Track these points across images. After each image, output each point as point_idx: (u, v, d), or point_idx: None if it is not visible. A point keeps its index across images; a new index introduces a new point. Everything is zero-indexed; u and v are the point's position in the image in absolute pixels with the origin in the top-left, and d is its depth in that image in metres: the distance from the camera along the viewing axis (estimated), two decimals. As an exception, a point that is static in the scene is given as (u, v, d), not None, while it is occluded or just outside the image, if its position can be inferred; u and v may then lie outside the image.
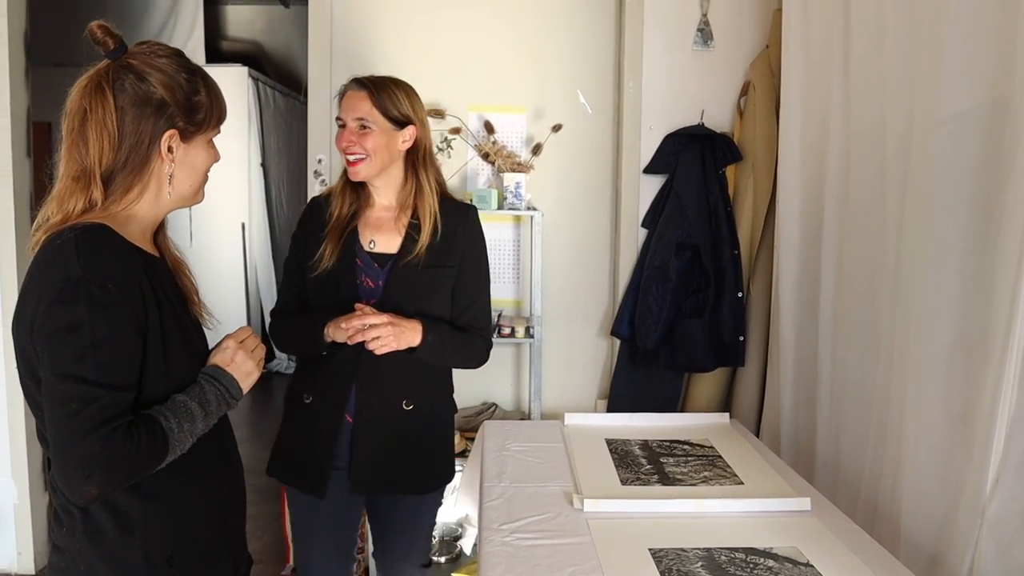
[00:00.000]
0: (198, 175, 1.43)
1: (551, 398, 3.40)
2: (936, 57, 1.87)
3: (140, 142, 1.32)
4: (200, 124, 1.40)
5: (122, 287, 1.25)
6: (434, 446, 2.14)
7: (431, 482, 2.15)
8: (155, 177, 1.36)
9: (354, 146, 1.95)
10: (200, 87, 1.39)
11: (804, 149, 2.73)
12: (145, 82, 1.32)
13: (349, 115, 1.97)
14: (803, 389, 2.70)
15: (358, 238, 2.02)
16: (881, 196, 2.17)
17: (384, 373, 2.00)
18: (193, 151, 1.40)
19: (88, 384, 1.19)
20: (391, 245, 2.02)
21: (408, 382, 2.03)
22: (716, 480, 2.09)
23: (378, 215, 2.05)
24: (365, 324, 1.87)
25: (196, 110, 1.38)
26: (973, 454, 1.72)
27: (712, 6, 3.21)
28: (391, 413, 2.02)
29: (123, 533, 1.31)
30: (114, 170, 1.32)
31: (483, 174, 3.38)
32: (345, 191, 2.05)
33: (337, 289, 1.99)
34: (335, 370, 2.00)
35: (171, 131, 1.35)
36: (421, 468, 2.10)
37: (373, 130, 1.96)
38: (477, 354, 2.12)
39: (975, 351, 1.75)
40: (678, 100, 3.24)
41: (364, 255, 2.02)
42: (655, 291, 3.10)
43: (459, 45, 3.36)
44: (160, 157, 1.35)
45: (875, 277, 2.21)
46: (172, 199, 1.40)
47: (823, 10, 2.56)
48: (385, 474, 2.03)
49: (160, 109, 1.33)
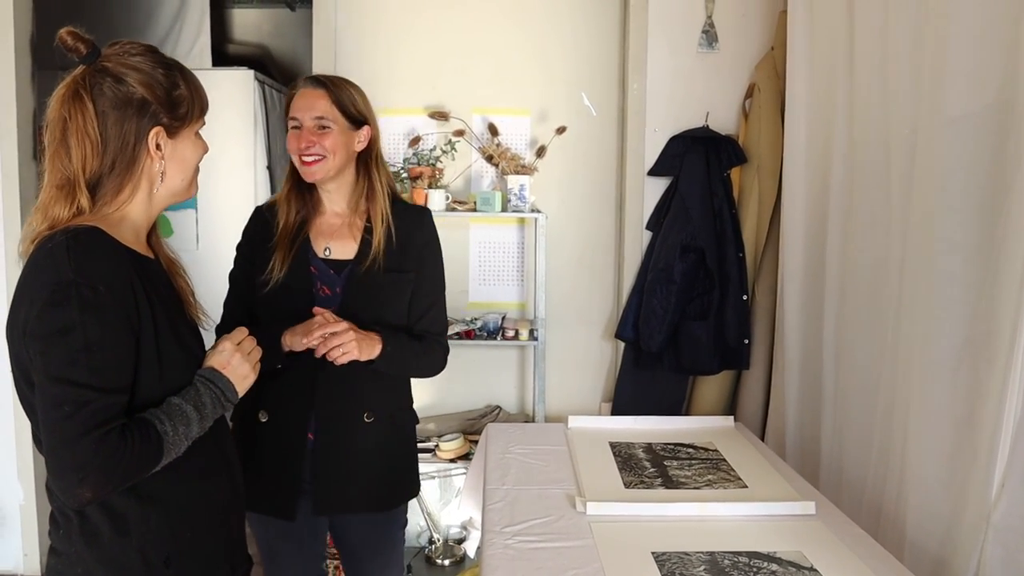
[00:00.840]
0: (188, 169, 1.42)
1: (555, 401, 3.39)
2: (941, 60, 1.86)
3: (126, 144, 1.32)
4: (184, 118, 1.38)
5: (114, 289, 1.25)
6: (397, 461, 2.03)
7: (396, 498, 2.05)
8: (146, 176, 1.36)
9: (313, 146, 1.86)
10: (179, 81, 1.38)
11: (809, 151, 2.72)
12: (123, 83, 1.31)
13: (306, 114, 1.87)
14: (808, 393, 2.69)
15: (311, 246, 1.93)
16: (886, 199, 2.16)
17: (345, 385, 1.91)
18: (181, 145, 1.40)
19: (80, 387, 1.19)
20: (347, 251, 1.94)
21: (369, 393, 1.94)
22: (720, 483, 2.09)
23: (330, 221, 1.96)
24: (326, 332, 1.78)
25: (178, 104, 1.37)
26: (978, 459, 1.71)
27: (717, 8, 3.20)
28: (352, 427, 1.93)
29: (119, 535, 1.31)
30: (101, 175, 1.32)
31: (487, 176, 3.38)
32: (291, 198, 1.95)
33: (291, 300, 1.88)
34: (292, 384, 1.90)
35: (156, 128, 1.34)
36: (385, 484, 2.00)
37: (332, 129, 1.87)
38: (435, 362, 2.02)
39: (980, 355, 1.74)
40: (683, 102, 3.23)
41: (319, 263, 1.92)
42: (659, 294, 3.09)
43: (463, 47, 3.36)
44: (149, 156, 1.34)
45: (880, 281, 2.20)
46: (164, 195, 1.40)
47: (828, 12, 2.55)
48: (349, 492, 1.94)
49: (142, 108, 1.32)
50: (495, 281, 3.46)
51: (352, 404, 1.93)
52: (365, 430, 1.93)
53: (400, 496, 2.06)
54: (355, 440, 1.93)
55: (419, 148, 3.32)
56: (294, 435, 1.91)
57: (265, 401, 1.91)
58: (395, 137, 3.35)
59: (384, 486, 1.99)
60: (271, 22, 6.96)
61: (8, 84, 3.09)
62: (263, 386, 1.83)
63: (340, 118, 1.88)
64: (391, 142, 3.35)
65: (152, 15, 5.93)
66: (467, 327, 3.23)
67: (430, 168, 3.24)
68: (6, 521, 3.25)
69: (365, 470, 1.95)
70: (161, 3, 5.95)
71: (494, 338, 3.23)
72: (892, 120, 2.12)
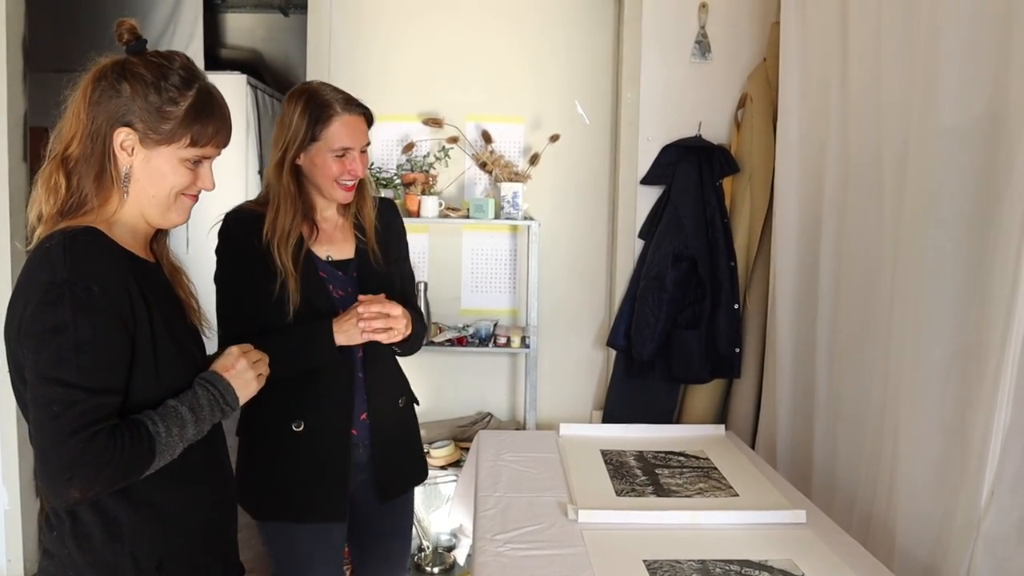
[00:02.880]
0: (160, 188, 1.36)
1: (546, 408, 3.39)
2: (932, 71, 1.88)
3: (98, 133, 1.32)
4: (163, 135, 1.33)
5: (108, 290, 1.24)
6: (417, 437, 2.18)
7: (423, 470, 2.20)
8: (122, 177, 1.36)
9: (359, 171, 1.91)
10: (181, 101, 1.34)
11: (801, 161, 2.73)
12: (123, 80, 1.32)
13: (358, 143, 1.90)
14: (799, 401, 2.69)
15: (312, 254, 1.93)
16: (878, 208, 2.17)
17: (387, 374, 2.03)
18: (158, 160, 1.35)
19: (69, 387, 1.19)
20: (345, 252, 1.98)
21: (398, 379, 2.10)
22: (711, 492, 2.09)
23: (323, 228, 1.97)
24: (383, 311, 1.83)
25: (164, 118, 1.33)
26: (968, 467, 1.72)
27: (710, 18, 3.22)
28: (394, 412, 2.05)
29: (111, 539, 1.30)
30: (79, 160, 1.32)
31: (480, 183, 3.38)
32: (285, 207, 1.88)
33: (310, 306, 1.87)
34: (330, 386, 1.91)
35: (125, 128, 1.32)
36: (420, 459, 2.18)
37: (366, 152, 1.96)
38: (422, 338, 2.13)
39: (971, 364, 1.75)
40: (676, 111, 3.25)
41: (325, 267, 1.94)
42: (651, 302, 3.10)
43: (458, 55, 3.36)
44: (115, 154, 1.33)
45: (872, 290, 2.21)
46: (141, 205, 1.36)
47: (821, 24, 2.57)
48: (404, 472, 2.08)
49: (121, 106, 1.32)
50: (487, 288, 3.46)
51: (393, 392, 2.06)
52: (400, 414, 2.07)
53: (425, 467, 2.21)
54: (398, 425, 2.06)
55: (413, 154, 3.32)
56: (342, 437, 1.93)
57: (298, 411, 1.90)
58: (389, 143, 3.36)
59: (419, 461, 2.17)
60: (264, 27, 6.96)
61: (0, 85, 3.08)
62: (294, 394, 1.88)
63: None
64: (385, 148, 3.36)
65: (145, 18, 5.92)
66: (459, 334, 3.23)
67: (423, 174, 3.25)
68: (-9, 526, 3.22)
69: (406, 451, 2.09)
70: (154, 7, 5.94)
71: (486, 345, 3.23)
72: (884, 131, 2.14)
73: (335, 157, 1.88)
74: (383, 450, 1.98)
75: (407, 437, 2.10)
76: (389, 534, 2.13)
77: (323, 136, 1.87)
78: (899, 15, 2.06)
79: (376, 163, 3.33)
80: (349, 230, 2.00)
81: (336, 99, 1.89)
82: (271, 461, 1.93)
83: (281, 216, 1.87)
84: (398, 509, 2.11)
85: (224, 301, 1.91)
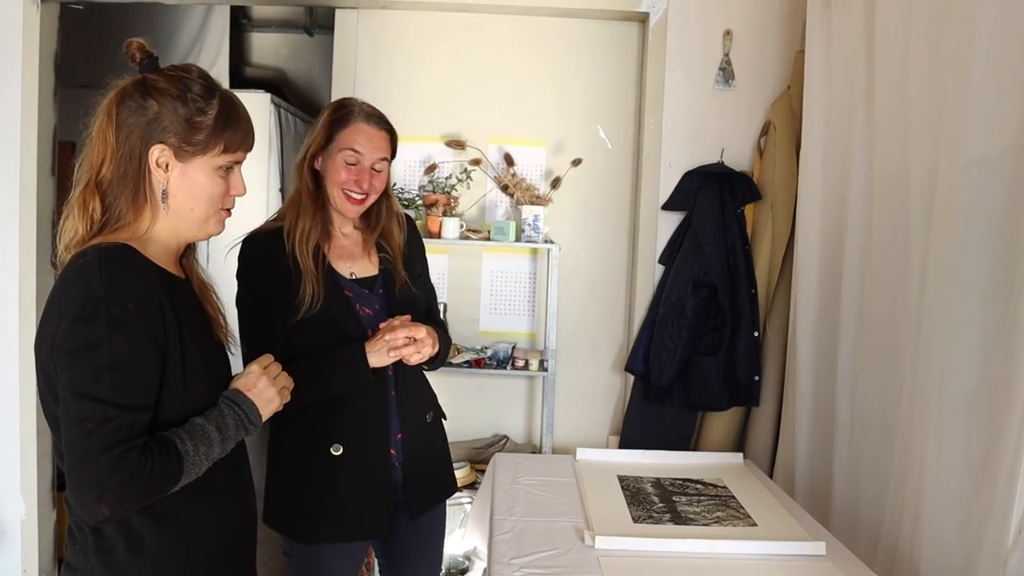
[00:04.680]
0: (199, 200, 1.38)
1: (563, 432, 3.37)
2: (961, 102, 1.87)
3: (132, 154, 1.32)
4: (198, 145, 1.35)
5: (142, 307, 1.25)
6: (445, 451, 2.18)
7: (452, 483, 2.20)
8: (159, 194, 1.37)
9: (369, 186, 1.90)
10: (207, 110, 1.35)
11: (825, 190, 2.72)
12: (148, 97, 1.33)
13: (373, 153, 1.89)
14: (820, 432, 2.67)
15: (335, 271, 1.93)
16: (904, 239, 2.15)
17: (415, 391, 2.04)
18: (193, 172, 1.36)
19: (104, 404, 1.19)
20: (369, 269, 1.99)
21: (426, 395, 2.10)
22: (729, 521, 2.06)
23: (342, 243, 1.98)
24: (412, 337, 1.84)
25: (195, 130, 1.34)
26: (995, 502, 1.69)
27: (735, 45, 3.23)
28: (423, 429, 2.04)
29: (134, 554, 1.30)
30: (113, 183, 1.33)
31: (501, 206, 3.39)
32: (309, 225, 1.89)
33: (338, 327, 1.88)
34: (366, 407, 1.91)
35: (160, 145, 1.33)
36: (449, 472, 2.18)
37: (384, 170, 1.94)
38: (448, 351, 2.13)
39: (998, 397, 1.73)
40: (698, 138, 3.25)
41: (351, 285, 1.94)
42: (671, 328, 3.08)
43: (481, 78, 3.39)
44: (150, 171, 1.34)
45: (897, 321, 2.19)
46: (178, 221, 1.38)
47: (846, 52, 2.57)
48: (433, 487, 2.08)
49: (153, 123, 1.32)
50: (506, 311, 3.46)
51: (421, 409, 2.05)
52: (429, 429, 2.07)
53: (453, 480, 2.21)
54: (426, 441, 2.05)
55: (435, 176, 3.34)
56: (380, 457, 1.94)
57: (336, 434, 1.90)
58: (411, 164, 3.38)
59: (446, 475, 2.16)
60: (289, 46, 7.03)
61: (31, 100, 3.13)
62: (331, 416, 1.88)
63: (389, 159, 1.96)
64: (407, 169, 3.38)
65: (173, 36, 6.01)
66: (477, 355, 3.22)
67: (445, 196, 3.26)
68: (6, 536, 3.23)
69: (436, 465, 2.10)
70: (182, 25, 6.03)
71: (504, 367, 3.22)
72: (911, 161, 2.13)
73: (345, 163, 1.89)
74: (414, 466, 1.99)
75: (435, 451, 2.10)
76: (420, 549, 2.13)
77: (336, 137, 1.90)
78: (926, 45, 2.05)
79: (398, 184, 3.34)
80: (370, 246, 2.00)
81: (360, 109, 1.92)
82: (309, 485, 1.91)
83: (301, 215, 1.90)
84: (427, 524, 2.10)
85: (249, 325, 1.89)
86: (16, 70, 3.12)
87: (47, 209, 3.22)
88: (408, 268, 2.02)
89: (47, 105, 3.21)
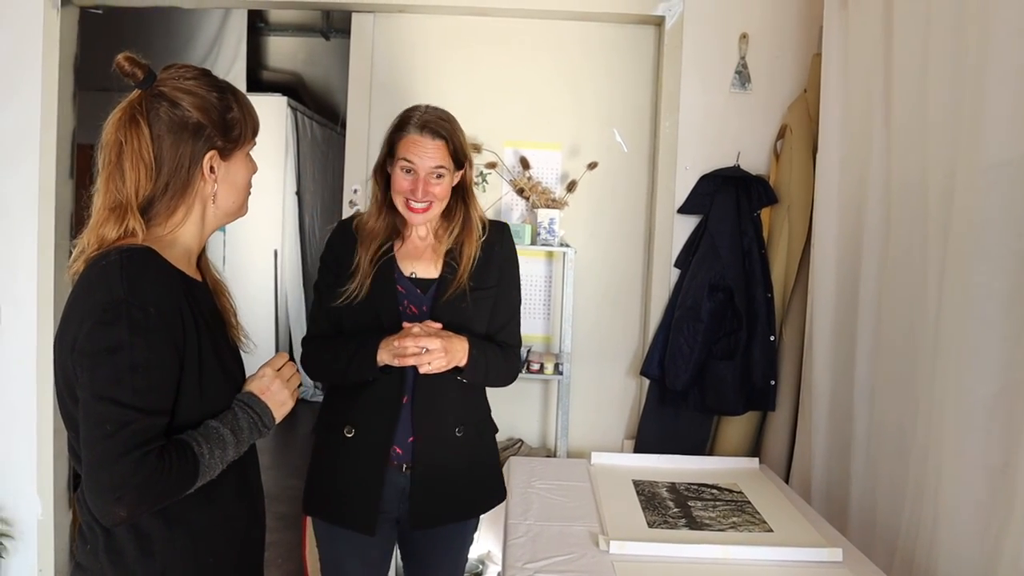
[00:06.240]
0: (240, 190, 1.44)
1: (578, 436, 3.37)
2: (979, 106, 1.85)
3: (180, 166, 1.34)
4: (237, 140, 1.41)
5: (163, 311, 1.26)
6: (484, 470, 2.10)
7: (484, 504, 2.12)
8: (199, 199, 1.38)
9: (427, 195, 1.92)
10: (232, 104, 1.40)
11: (842, 194, 2.70)
12: (179, 107, 1.33)
13: (425, 163, 1.90)
14: (837, 437, 2.65)
15: (396, 266, 1.99)
16: (922, 244, 2.14)
17: (438, 402, 1.98)
18: (234, 167, 1.42)
19: (124, 407, 1.20)
20: (431, 271, 2.00)
21: (458, 408, 2.01)
22: (745, 526, 2.05)
23: (414, 244, 2.03)
24: (422, 348, 1.84)
25: (232, 127, 1.39)
26: (1014, 510, 1.67)
27: (751, 49, 3.22)
28: (447, 442, 1.99)
29: (144, 555, 1.31)
30: (153, 197, 1.34)
31: (517, 209, 3.39)
32: (381, 219, 2.00)
33: (377, 317, 1.95)
34: (381, 399, 1.95)
35: (211, 152, 1.36)
36: (476, 493, 2.08)
37: (444, 178, 1.94)
38: (512, 370, 2.12)
39: (1017, 403, 1.71)
40: (714, 141, 3.24)
41: (405, 282, 1.99)
42: (686, 332, 3.07)
43: (498, 81, 3.39)
44: (203, 179, 1.37)
45: (914, 326, 2.17)
46: (218, 216, 1.42)
47: (863, 56, 2.55)
48: (444, 506, 1.99)
49: (197, 132, 1.34)
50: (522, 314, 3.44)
51: (446, 420, 2.00)
52: (457, 444, 2.00)
53: (487, 503, 2.12)
54: (449, 455, 1.99)
55: (450, 178, 3.34)
56: (380, 451, 1.96)
57: (352, 416, 1.98)
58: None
59: (474, 495, 2.07)
60: (305, 50, 7.08)
61: (51, 103, 3.16)
62: (350, 401, 1.97)
63: (451, 165, 1.95)
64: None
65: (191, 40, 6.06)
66: (491, 358, 3.22)
67: (460, 199, 3.26)
68: (24, 536, 3.25)
69: (458, 483, 2.01)
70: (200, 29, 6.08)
71: (519, 371, 3.21)
72: (929, 165, 2.11)
73: (403, 173, 1.93)
74: (424, 477, 1.96)
75: (463, 468, 2.01)
76: (435, 565, 2.11)
77: (395, 147, 1.95)
78: (945, 49, 2.04)
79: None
80: (441, 251, 2.01)
81: (418, 118, 1.95)
82: (323, 459, 2.04)
83: (371, 216, 2.02)
84: (445, 541, 2.08)
85: (314, 302, 2.09)
86: (36, 73, 3.15)
87: (65, 212, 3.25)
88: (479, 278, 2.00)
89: (66, 108, 3.23)
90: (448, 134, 1.94)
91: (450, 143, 1.93)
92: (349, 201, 3.38)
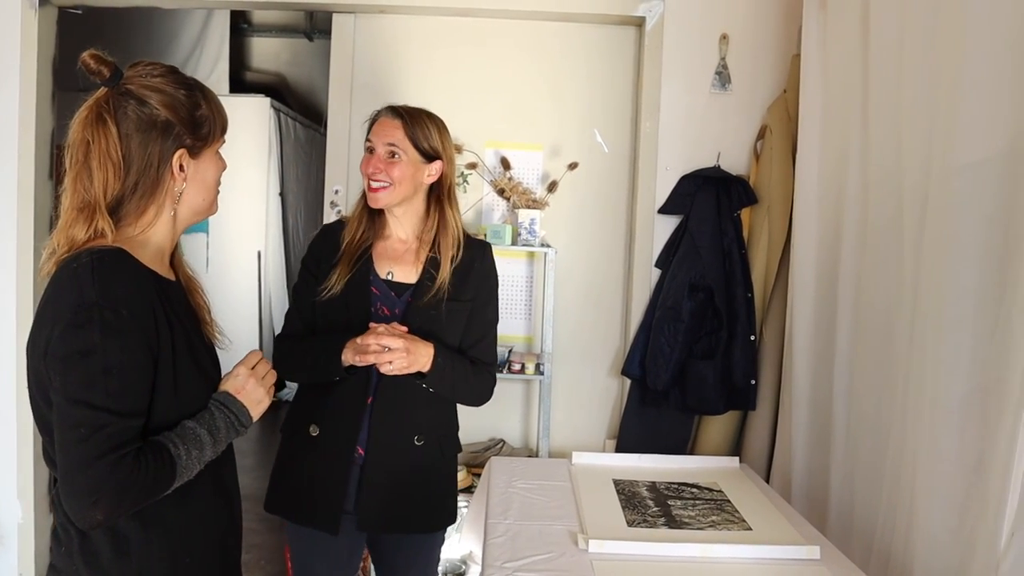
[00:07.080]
0: (210, 188, 1.43)
1: (559, 436, 3.37)
2: (954, 106, 1.87)
3: (149, 165, 1.32)
4: (206, 138, 1.39)
5: (136, 313, 1.25)
6: (441, 485, 2.09)
7: (438, 521, 2.11)
8: (169, 198, 1.36)
9: (380, 173, 1.93)
10: (200, 101, 1.39)
11: (821, 194, 2.72)
12: (147, 105, 1.32)
13: (380, 140, 1.95)
14: (816, 435, 2.66)
15: (373, 267, 2.00)
16: (898, 243, 2.16)
17: (399, 407, 1.97)
18: (203, 165, 1.40)
19: (98, 410, 1.19)
20: (408, 276, 2.01)
21: (420, 417, 2.01)
22: (724, 525, 2.06)
23: (394, 246, 2.03)
24: (384, 347, 1.84)
25: (201, 125, 1.38)
26: (988, 506, 1.69)
27: (731, 49, 3.23)
28: (403, 448, 1.98)
29: (119, 556, 1.30)
30: (123, 197, 1.32)
31: (498, 209, 3.40)
32: (362, 218, 2.02)
33: (349, 315, 1.96)
34: (346, 399, 1.96)
35: (181, 150, 1.35)
36: (429, 507, 2.06)
37: (401, 160, 1.94)
38: (484, 388, 2.09)
39: (991, 401, 1.73)
40: (695, 141, 3.25)
41: (380, 284, 2.00)
42: (667, 332, 3.08)
43: (479, 81, 3.39)
44: (172, 177, 1.35)
45: (892, 325, 2.19)
46: (187, 215, 1.41)
47: (841, 56, 2.57)
48: (393, 512, 1.99)
49: (166, 130, 1.33)
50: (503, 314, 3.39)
51: (404, 427, 1.99)
52: (415, 452, 1.99)
53: (443, 520, 2.12)
54: (404, 462, 1.99)
55: (431, 179, 3.34)
56: (344, 451, 1.96)
57: (317, 415, 1.98)
58: (408, 168, 3.37)
59: (426, 509, 2.05)
60: (289, 51, 7.06)
61: (29, 104, 3.14)
62: (317, 400, 1.98)
63: (411, 150, 1.95)
64: (404, 172, 3.38)
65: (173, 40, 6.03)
66: (473, 359, 3.22)
67: (442, 199, 3.26)
68: (4, 540, 3.23)
69: (410, 492, 2.00)
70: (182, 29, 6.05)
71: (500, 371, 3.21)
72: (905, 165, 2.13)
73: (367, 154, 1.99)
74: (373, 481, 1.96)
75: (415, 480, 2.00)
76: (402, 570, 2.13)
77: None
78: (920, 49, 2.06)
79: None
80: (422, 257, 2.01)
81: (389, 107, 2.01)
82: (288, 458, 2.05)
83: (354, 216, 2.04)
84: (412, 547, 2.10)
85: (291, 302, 2.12)
86: (14, 74, 3.13)
87: (44, 213, 3.23)
88: (456, 291, 2.00)
89: (45, 109, 3.21)
90: (408, 117, 1.97)
91: (409, 126, 1.95)
92: (331, 202, 3.38)
